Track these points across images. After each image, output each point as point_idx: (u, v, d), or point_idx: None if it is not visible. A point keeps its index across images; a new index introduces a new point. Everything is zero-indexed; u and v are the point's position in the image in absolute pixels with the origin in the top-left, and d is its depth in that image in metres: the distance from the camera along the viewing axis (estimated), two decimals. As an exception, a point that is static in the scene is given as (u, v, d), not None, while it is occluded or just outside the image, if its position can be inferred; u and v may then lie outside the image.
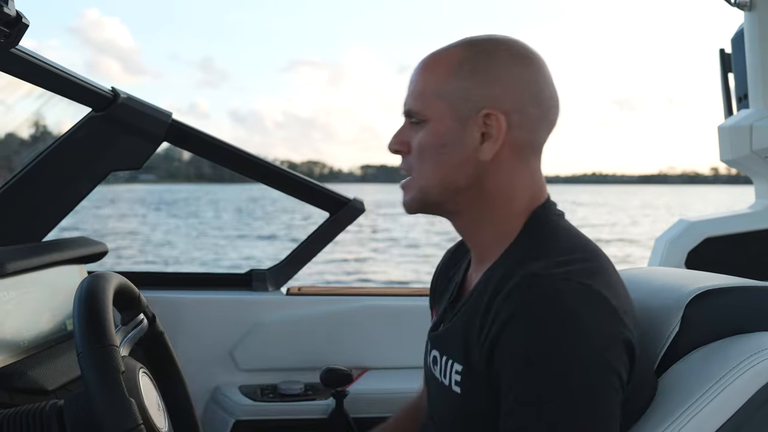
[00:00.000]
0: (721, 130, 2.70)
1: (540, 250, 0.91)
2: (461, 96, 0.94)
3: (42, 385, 1.17)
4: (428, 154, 0.97)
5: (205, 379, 1.79)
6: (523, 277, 0.86)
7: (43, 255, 1.34)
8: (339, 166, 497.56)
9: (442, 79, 0.95)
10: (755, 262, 2.53)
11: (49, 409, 0.89)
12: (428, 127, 0.96)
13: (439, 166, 0.96)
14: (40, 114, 1.58)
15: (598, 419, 0.81)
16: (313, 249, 2.03)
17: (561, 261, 0.88)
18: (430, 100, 0.96)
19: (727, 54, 2.88)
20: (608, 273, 0.90)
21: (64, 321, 1.36)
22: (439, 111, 0.95)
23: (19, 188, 1.54)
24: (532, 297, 0.84)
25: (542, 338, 0.81)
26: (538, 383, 0.81)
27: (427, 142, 0.96)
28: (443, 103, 0.95)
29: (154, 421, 0.93)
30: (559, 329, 0.81)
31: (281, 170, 1.87)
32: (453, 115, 0.95)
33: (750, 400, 0.86)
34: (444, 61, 0.97)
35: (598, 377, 0.81)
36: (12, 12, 1.00)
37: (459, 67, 0.95)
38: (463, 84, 0.94)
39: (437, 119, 0.95)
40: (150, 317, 1.14)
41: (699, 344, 0.96)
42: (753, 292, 1.00)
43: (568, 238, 0.95)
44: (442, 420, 1.01)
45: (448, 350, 0.97)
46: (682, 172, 50.43)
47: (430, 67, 0.98)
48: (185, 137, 1.73)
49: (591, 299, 0.83)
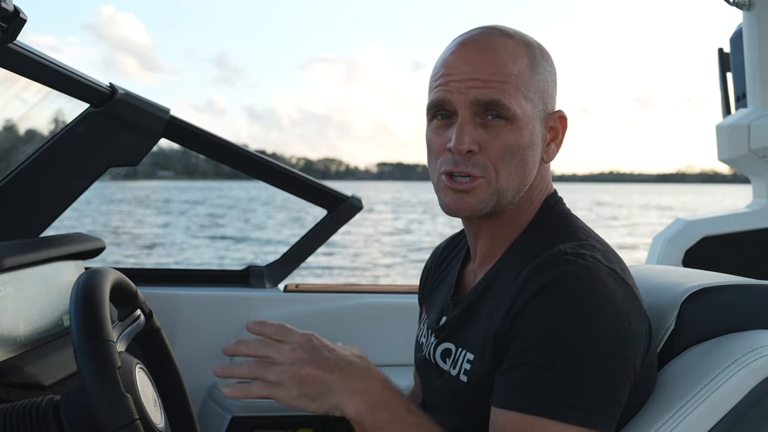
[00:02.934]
0: (719, 129, 2.71)
1: (562, 235, 0.92)
2: (539, 96, 0.93)
3: (39, 380, 1.17)
4: (514, 156, 0.91)
5: (201, 375, 1.79)
6: (552, 254, 0.86)
7: (40, 250, 1.34)
8: (355, 164, 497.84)
9: (525, 75, 0.91)
10: (752, 260, 2.54)
11: (45, 404, 0.89)
12: (516, 126, 0.90)
13: (522, 167, 0.92)
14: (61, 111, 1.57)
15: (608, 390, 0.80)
16: (311, 246, 2.03)
17: (585, 244, 0.88)
18: (518, 96, 0.90)
19: (726, 53, 2.88)
20: (621, 262, 0.92)
21: (61, 316, 1.36)
22: (526, 109, 0.91)
23: (17, 183, 1.54)
24: (565, 271, 0.83)
25: (573, 311, 0.80)
26: (553, 351, 0.80)
27: (517, 142, 0.90)
28: (527, 101, 0.92)
29: (150, 417, 0.93)
30: (592, 306, 0.80)
31: (280, 167, 1.87)
32: (535, 115, 0.93)
33: (745, 398, 0.87)
34: (519, 56, 0.92)
35: (616, 361, 0.81)
36: (9, 7, 1.00)
37: (533, 64, 0.93)
38: (539, 84, 0.93)
39: (525, 119, 0.91)
40: (147, 313, 1.14)
41: (695, 342, 0.96)
42: (749, 291, 1.01)
43: (583, 227, 0.96)
44: (438, 411, 1.01)
45: (462, 341, 0.97)
46: (701, 170, 50.86)
47: (509, 59, 0.91)
48: (183, 133, 1.72)
49: (620, 283, 0.85)
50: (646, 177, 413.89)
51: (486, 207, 0.92)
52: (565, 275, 0.82)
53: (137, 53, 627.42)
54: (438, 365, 1.02)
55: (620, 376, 0.82)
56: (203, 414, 1.76)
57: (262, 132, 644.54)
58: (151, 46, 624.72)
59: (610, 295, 0.82)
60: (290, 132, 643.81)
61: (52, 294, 1.35)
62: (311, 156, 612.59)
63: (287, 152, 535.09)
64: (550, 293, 0.82)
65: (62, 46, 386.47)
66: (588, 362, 0.80)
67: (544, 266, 0.84)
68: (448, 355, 1.00)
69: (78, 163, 1.61)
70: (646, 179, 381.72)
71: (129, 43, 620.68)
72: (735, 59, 2.76)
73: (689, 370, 0.91)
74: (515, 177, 0.91)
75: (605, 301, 0.81)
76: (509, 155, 0.90)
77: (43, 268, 1.35)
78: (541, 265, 0.85)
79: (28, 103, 1.55)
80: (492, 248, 0.99)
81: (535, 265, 0.86)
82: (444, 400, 0.99)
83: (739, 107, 2.76)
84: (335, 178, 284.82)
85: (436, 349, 1.03)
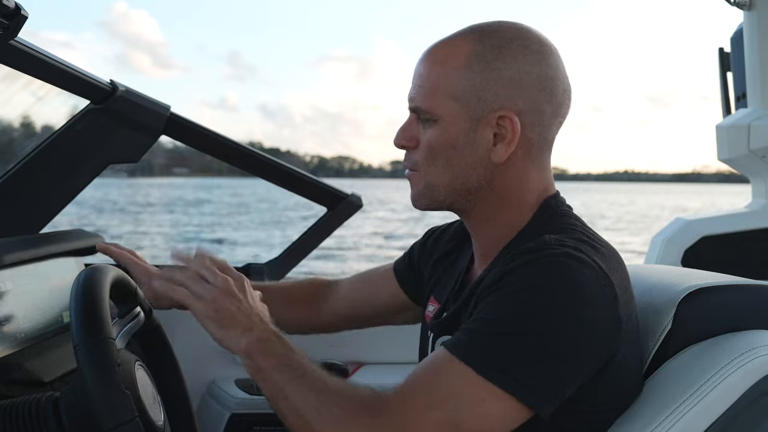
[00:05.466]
0: (719, 129, 2.71)
1: (554, 230, 0.91)
2: (474, 96, 0.91)
3: (38, 377, 1.17)
4: (438, 155, 0.94)
5: (201, 372, 1.80)
6: (535, 242, 0.86)
7: (40, 247, 1.34)
8: (368, 162, 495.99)
9: (453, 76, 0.91)
10: (751, 260, 2.54)
11: (45, 401, 0.89)
12: (438, 126, 0.93)
13: (448, 167, 0.94)
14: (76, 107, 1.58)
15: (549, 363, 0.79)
16: (311, 243, 2.04)
17: (575, 238, 0.88)
18: (441, 98, 0.92)
19: (727, 53, 2.88)
20: (616, 262, 0.90)
21: (61, 313, 1.36)
22: (450, 110, 0.92)
23: (17, 180, 1.54)
24: (543, 255, 0.83)
25: (541, 290, 0.80)
26: (513, 316, 0.80)
27: (437, 142, 0.93)
28: (455, 102, 0.91)
29: (150, 414, 0.93)
30: (561, 291, 0.80)
31: (280, 164, 1.87)
32: (465, 115, 0.92)
33: (741, 398, 0.87)
34: (454, 56, 0.92)
35: (577, 345, 0.80)
36: (11, 4, 1.00)
37: (470, 63, 0.91)
38: (476, 83, 0.91)
39: (448, 119, 0.92)
40: (146, 310, 1.15)
41: (691, 342, 0.96)
42: (746, 291, 1.01)
43: (581, 225, 0.95)
44: None
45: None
46: (717, 170, 50.19)
47: (439, 60, 0.93)
48: (183, 130, 1.73)
49: (600, 277, 0.83)
50: (662, 176, 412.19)
51: (423, 199, 0.98)
52: (543, 256, 0.83)
53: (150, 50, 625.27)
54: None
55: (569, 363, 0.80)
56: (202, 411, 1.77)
57: (275, 129, 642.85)
58: (164, 43, 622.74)
59: (583, 285, 0.81)
60: (303, 129, 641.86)
61: (52, 290, 1.36)
62: (325, 153, 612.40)
63: (300, 150, 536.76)
64: (524, 270, 0.83)
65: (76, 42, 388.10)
66: (539, 337, 0.79)
67: (525, 251, 0.85)
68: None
69: (78, 160, 1.62)
70: (661, 179, 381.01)
71: (142, 40, 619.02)
72: (735, 59, 2.76)
73: (685, 370, 0.92)
74: (444, 174, 0.94)
75: (576, 289, 0.81)
76: (432, 153, 0.94)
77: (43, 265, 1.35)
78: (523, 251, 0.86)
79: (43, 99, 1.56)
80: (488, 247, 1.00)
81: (517, 251, 0.87)
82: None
83: (739, 107, 2.76)
84: (349, 176, 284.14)
85: (436, 342, 1.04)
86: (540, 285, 0.81)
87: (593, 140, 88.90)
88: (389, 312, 1.30)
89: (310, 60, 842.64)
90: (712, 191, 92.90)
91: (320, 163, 69.34)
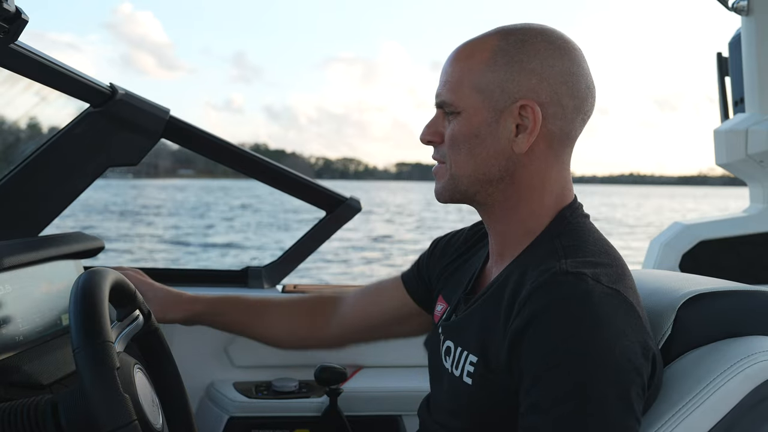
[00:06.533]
0: (717, 133, 2.71)
1: (568, 249, 0.91)
2: (497, 87, 0.94)
3: (37, 379, 1.17)
4: (461, 145, 0.96)
5: (199, 375, 1.80)
6: (553, 273, 0.85)
7: (39, 250, 1.34)
8: (374, 164, 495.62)
9: (477, 69, 0.95)
10: (749, 265, 2.54)
11: (44, 404, 0.89)
12: (462, 118, 0.96)
13: (471, 156, 0.96)
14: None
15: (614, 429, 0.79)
16: (310, 247, 2.04)
17: (590, 262, 0.88)
18: (465, 91, 0.95)
19: (725, 58, 2.89)
20: (630, 279, 0.91)
21: (60, 316, 1.36)
22: (473, 102, 0.95)
23: (17, 183, 1.54)
24: (562, 294, 0.83)
25: (571, 338, 0.80)
26: (559, 387, 0.79)
27: (460, 132, 0.96)
28: (478, 94, 0.95)
29: (148, 417, 0.93)
30: (589, 332, 0.80)
31: (278, 168, 1.88)
32: (488, 106, 0.94)
33: (740, 403, 0.87)
34: (479, 51, 0.96)
35: (623, 386, 0.79)
36: (11, 8, 1.00)
37: (494, 57, 0.94)
38: (499, 75, 0.94)
39: (471, 110, 0.95)
40: (146, 313, 1.14)
41: (691, 347, 0.97)
42: (745, 296, 1.01)
43: (594, 240, 0.95)
44: (446, 411, 1.01)
45: (463, 342, 0.97)
46: (722, 173, 49.63)
47: (464, 57, 0.97)
48: (183, 133, 1.73)
49: (620, 304, 0.83)
50: (667, 179, 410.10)
51: (447, 191, 1.00)
52: (562, 299, 0.82)
53: (155, 51, 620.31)
54: (443, 364, 1.03)
55: (626, 400, 0.80)
56: (201, 414, 1.76)
57: (280, 131, 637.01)
58: (169, 45, 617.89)
59: (609, 319, 0.81)
60: (308, 131, 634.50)
61: (51, 293, 1.36)
62: (330, 155, 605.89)
63: (306, 151, 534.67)
64: (545, 322, 0.82)
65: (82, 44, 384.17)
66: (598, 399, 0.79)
67: (541, 288, 0.84)
68: (448, 354, 1.01)
69: (77, 163, 1.62)
70: (666, 181, 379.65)
71: (147, 42, 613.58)
72: (733, 64, 2.77)
73: (685, 376, 0.92)
74: (467, 164, 0.97)
75: (602, 328, 0.80)
76: (455, 143, 0.97)
77: (42, 267, 1.35)
78: (539, 286, 0.85)
79: (46, 100, 1.56)
80: (503, 247, 1.00)
81: (534, 285, 0.86)
82: (450, 402, 1.00)
83: (737, 112, 2.76)
84: (354, 178, 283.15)
85: (441, 346, 1.04)
86: (568, 339, 0.80)
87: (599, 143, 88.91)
88: (397, 320, 1.29)
89: (316, 61, 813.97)
90: (720, 194, 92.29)
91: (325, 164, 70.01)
